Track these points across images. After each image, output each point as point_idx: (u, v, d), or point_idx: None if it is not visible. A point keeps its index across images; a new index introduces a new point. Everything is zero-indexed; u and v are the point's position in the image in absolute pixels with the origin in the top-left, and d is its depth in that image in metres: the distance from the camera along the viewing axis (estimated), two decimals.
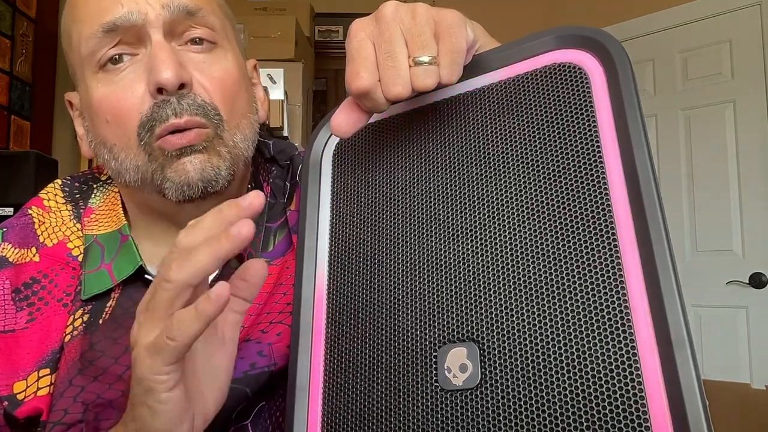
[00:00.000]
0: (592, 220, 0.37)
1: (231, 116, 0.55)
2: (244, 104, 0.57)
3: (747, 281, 2.20)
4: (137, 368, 0.38)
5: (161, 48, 0.51)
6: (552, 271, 0.37)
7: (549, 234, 0.38)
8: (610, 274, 0.35)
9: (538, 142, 0.40)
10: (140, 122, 0.52)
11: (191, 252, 0.36)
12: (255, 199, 0.38)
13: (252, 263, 0.41)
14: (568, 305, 0.36)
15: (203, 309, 0.35)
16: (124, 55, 0.53)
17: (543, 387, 0.35)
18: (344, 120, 0.42)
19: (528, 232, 0.38)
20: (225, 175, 0.54)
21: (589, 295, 0.35)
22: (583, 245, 0.36)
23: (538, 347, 0.36)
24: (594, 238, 0.36)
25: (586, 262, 0.36)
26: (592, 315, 0.35)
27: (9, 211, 1.77)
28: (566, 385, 0.34)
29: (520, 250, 0.38)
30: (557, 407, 0.34)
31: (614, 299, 0.34)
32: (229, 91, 0.55)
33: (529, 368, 0.36)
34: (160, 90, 0.51)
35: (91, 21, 0.53)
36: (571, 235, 0.37)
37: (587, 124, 0.39)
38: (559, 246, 0.37)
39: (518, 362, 0.36)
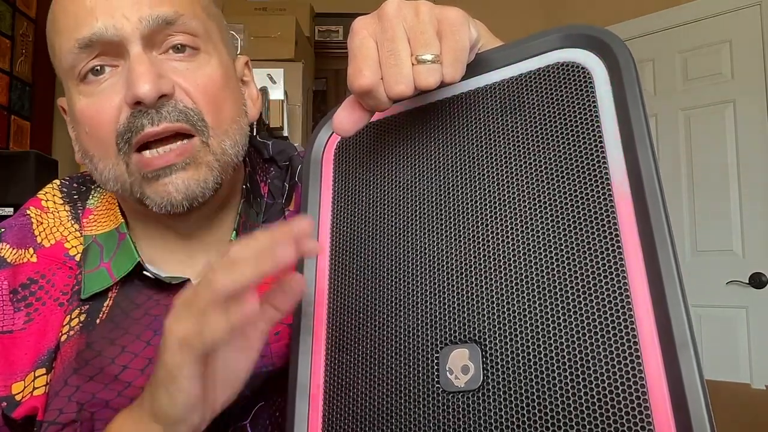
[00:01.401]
0: (594, 221, 0.36)
1: (218, 122, 0.54)
2: (232, 109, 0.56)
3: (747, 281, 2.20)
4: (165, 355, 0.39)
5: (139, 61, 0.50)
6: (555, 271, 0.37)
7: (552, 234, 0.37)
8: (614, 275, 0.35)
9: (540, 141, 0.40)
10: (117, 132, 0.51)
11: (238, 262, 0.38)
12: (303, 224, 0.40)
13: (294, 277, 0.43)
14: (570, 306, 0.35)
15: (233, 318, 0.38)
16: (105, 67, 0.52)
17: (545, 388, 0.35)
18: (346, 118, 0.42)
19: (530, 233, 0.38)
20: (212, 186, 0.53)
21: (592, 296, 0.35)
22: (586, 246, 0.36)
23: (541, 348, 0.35)
24: (597, 238, 0.36)
25: (589, 263, 0.36)
26: (595, 316, 0.35)
27: (9, 211, 1.77)
28: (569, 387, 0.34)
29: (522, 251, 0.38)
30: (560, 409, 0.34)
31: (617, 300, 0.34)
32: (214, 97, 0.54)
33: (532, 370, 0.35)
34: (137, 102, 0.50)
35: (68, 35, 0.52)
36: (574, 236, 0.37)
37: (590, 123, 0.39)
38: (562, 246, 0.37)
39: (520, 363, 0.36)
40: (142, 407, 0.43)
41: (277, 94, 2.14)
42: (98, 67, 0.52)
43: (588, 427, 0.33)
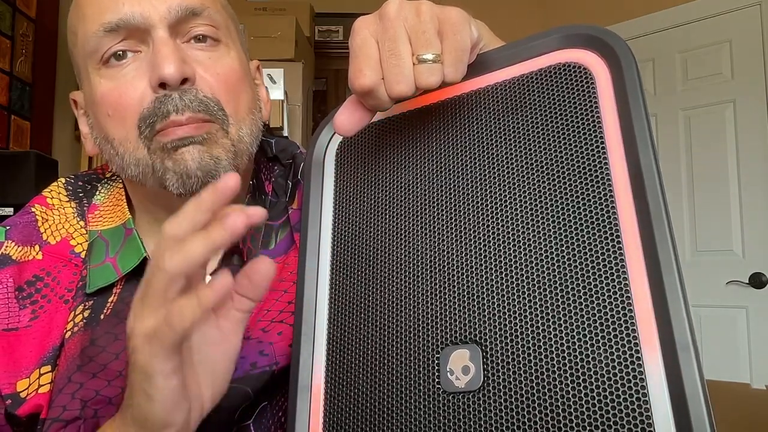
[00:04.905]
0: (596, 222, 0.36)
1: (235, 112, 0.55)
2: (248, 101, 0.57)
3: (747, 281, 2.20)
4: (135, 356, 0.38)
5: (164, 44, 0.52)
6: (556, 272, 0.36)
7: (553, 235, 0.37)
8: (614, 277, 0.35)
9: (542, 142, 0.40)
10: (141, 116, 0.52)
11: (184, 241, 0.36)
12: (230, 180, 0.37)
13: (258, 262, 0.40)
14: (571, 307, 0.35)
15: (203, 297, 0.35)
16: (128, 52, 0.53)
17: (546, 389, 0.35)
18: (347, 118, 0.42)
19: (531, 234, 0.38)
20: (225, 165, 0.54)
21: (593, 297, 0.35)
22: (587, 247, 0.36)
23: (541, 349, 0.35)
24: (598, 240, 0.36)
25: (590, 264, 0.36)
26: (596, 317, 0.34)
27: (9, 211, 1.76)
28: (569, 388, 0.34)
29: (523, 252, 0.38)
30: (560, 410, 0.34)
31: (618, 302, 0.34)
32: (232, 87, 0.55)
33: (532, 370, 0.35)
34: (162, 85, 0.51)
35: (93, 19, 0.53)
36: (575, 237, 0.37)
37: (592, 124, 0.39)
38: (563, 247, 0.37)
39: (521, 364, 0.36)
40: (124, 417, 0.41)
41: (277, 94, 2.14)
42: (120, 52, 0.53)
43: (588, 428, 0.33)
